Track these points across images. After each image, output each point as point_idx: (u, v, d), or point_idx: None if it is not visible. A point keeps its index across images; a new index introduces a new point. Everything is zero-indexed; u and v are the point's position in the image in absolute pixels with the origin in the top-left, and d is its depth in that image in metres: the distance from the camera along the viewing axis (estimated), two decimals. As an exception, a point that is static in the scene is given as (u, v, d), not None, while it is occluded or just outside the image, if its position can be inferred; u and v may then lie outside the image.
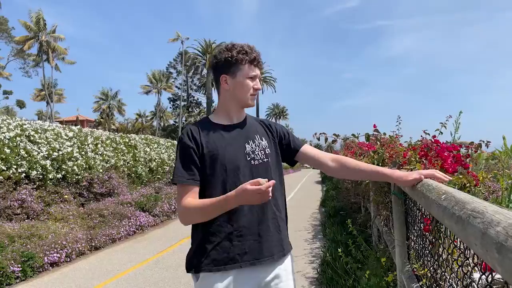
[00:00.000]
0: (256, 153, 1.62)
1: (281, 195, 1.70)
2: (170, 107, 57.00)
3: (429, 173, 1.55)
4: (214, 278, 1.50)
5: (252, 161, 1.59)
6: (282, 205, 1.68)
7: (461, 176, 1.79)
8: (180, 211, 1.53)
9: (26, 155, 7.15)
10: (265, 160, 1.63)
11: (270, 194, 1.34)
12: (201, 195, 1.55)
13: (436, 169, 1.92)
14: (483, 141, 2.50)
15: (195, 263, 1.53)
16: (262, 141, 1.66)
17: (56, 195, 7.80)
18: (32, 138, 7.59)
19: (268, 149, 1.66)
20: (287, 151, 1.75)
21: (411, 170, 1.94)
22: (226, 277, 1.50)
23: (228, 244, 1.51)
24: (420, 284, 1.87)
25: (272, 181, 1.34)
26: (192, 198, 1.51)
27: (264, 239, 1.55)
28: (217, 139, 1.58)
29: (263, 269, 1.56)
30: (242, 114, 1.69)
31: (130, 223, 7.86)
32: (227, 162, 1.55)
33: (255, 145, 1.63)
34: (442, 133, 2.65)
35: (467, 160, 2.02)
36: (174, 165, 1.59)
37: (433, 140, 2.26)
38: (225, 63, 1.58)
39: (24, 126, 7.61)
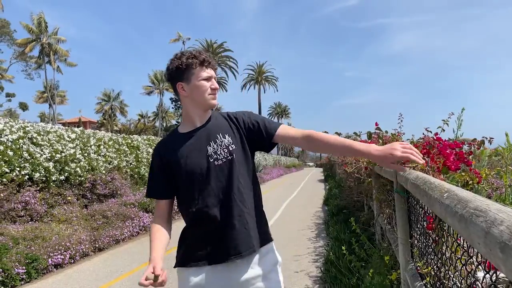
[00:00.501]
0: (219, 152, 1.63)
1: (250, 190, 1.67)
2: (172, 108, 57.00)
3: (403, 156, 1.39)
4: (188, 273, 1.63)
5: (215, 162, 1.61)
6: (249, 201, 1.65)
7: (463, 174, 1.78)
8: None
9: (29, 157, 7.17)
10: (229, 157, 1.63)
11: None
12: (179, 203, 1.70)
13: (438, 166, 1.91)
14: (486, 138, 2.49)
15: (177, 259, 1.70)
16: (225, 138, 1.66)
17: (59, 196, 7.81)
18: (35, 140, 7.60)
19: (232, 145, 1.65)
20: (261, 139, 1.70)
21: (413, 168, 1.93)
22: (199, 273, 1.60)
23: (199, 244, 1.62)
24: (423, 282, 1.86)
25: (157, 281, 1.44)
26: (158, 217, 1.68)
27: (229, 238, 1.59)
28: (180, 149, 1.64)
29: (235, 269, 1.59)
30: (205, 116, 1.70)
31: (134, 224, 7.87)
32: (190, 169, 1.61)
33: (217, 145, 1.64)
34: (444, 130, 2.64)
35: (470, 157, 2.01)
36: None
37: (435, 138, 2.25)
38: (177, 70, 1.62)
39: (27, 129, 7.63)
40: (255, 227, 1.64)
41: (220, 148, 1.64)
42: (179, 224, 1.72)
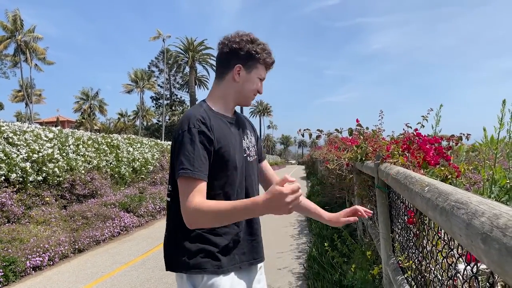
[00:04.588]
0: (251, 149, 1.60)
1: None
2: (153, 106, 56.46)
3: (351, 210, 1.68)
4: (219, 279, 1.42)
5: (248, 158, 1.56)
6: None
7: (443, 168, 1.81)
8: (189, 212, 1.29)
9: (5, 157, 6.97)
10: (255, 157, 1.62)
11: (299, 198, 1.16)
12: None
13: (418, 161, 1.95)
14: (464, 134, 2.54)
15: (197, 263, 1.41)
16: (252, 137, 1.65)
17: (37, 197, 7.63)
18: (10, 140, 7.40)
19: (255, 147, 1.65)
20: None
21: (394, 164, 1.96)
22: (228, 278, 1.44)
23: (234, 243, 1.48)
24: (405, 276, 1.89)
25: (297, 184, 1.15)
26: (202, 197, 1.32)
27: (257, 240, 1.58)
28: (227, 134, 1.48)
29: (251, 273, 1.57)
30: (233, 108, 1.61)
31: (114, 224, 7.75)
32: (237, 159, 1.47)
33: (248, 141, 1.61)
34: (423, 126, 2.68)
35: (449, 152, 2.05)
36: (178, 157, 1.36)
37: (415, 133, 2.29)
38: (246, 55, 1.49)
39: (2, 128, 7.42)
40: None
41: (251, 145, 1.61)
42: (161, 224, 1.68)
